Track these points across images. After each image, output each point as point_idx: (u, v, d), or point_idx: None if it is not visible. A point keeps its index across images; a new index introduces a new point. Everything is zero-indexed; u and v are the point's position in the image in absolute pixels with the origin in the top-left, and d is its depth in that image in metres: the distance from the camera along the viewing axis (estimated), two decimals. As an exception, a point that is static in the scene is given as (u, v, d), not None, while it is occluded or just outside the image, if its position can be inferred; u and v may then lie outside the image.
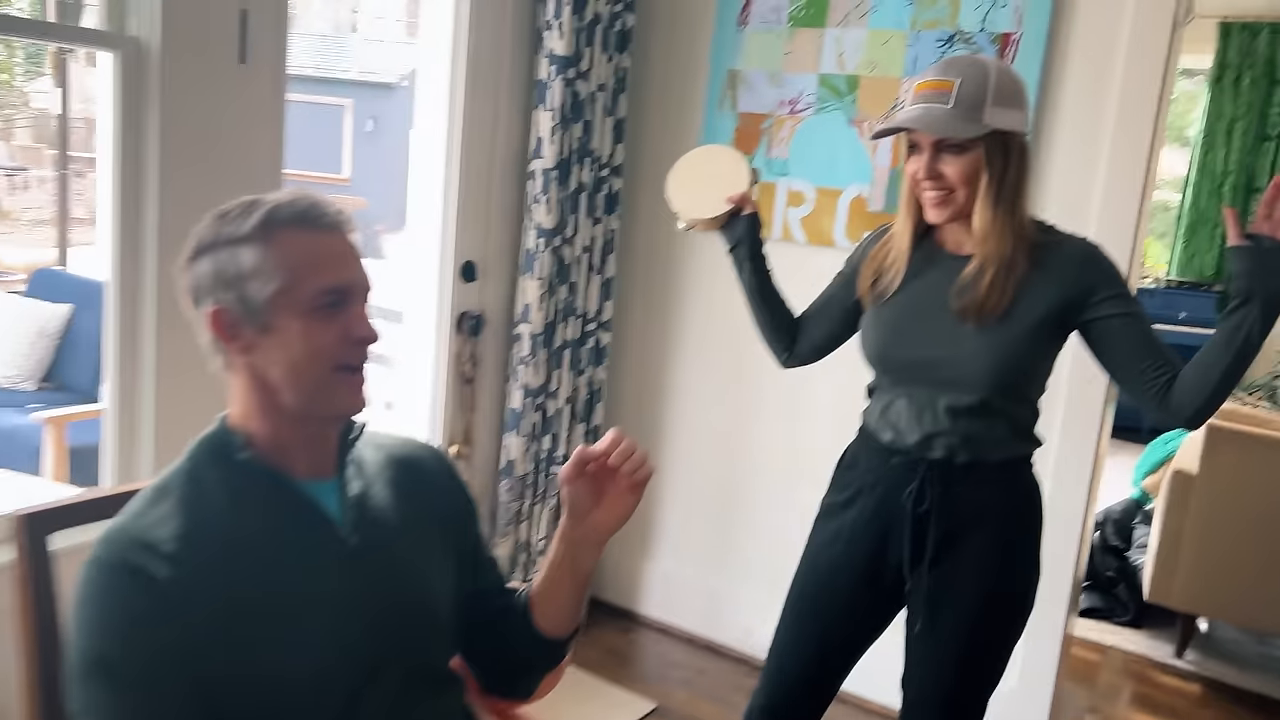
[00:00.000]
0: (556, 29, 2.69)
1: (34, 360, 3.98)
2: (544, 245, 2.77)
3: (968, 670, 1.68)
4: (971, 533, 1.64)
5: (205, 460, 1.07)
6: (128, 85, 1.96)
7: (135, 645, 0.94)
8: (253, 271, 1.02)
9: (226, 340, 1.04)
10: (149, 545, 0.97)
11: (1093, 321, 1.58)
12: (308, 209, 1.05)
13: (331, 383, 1.06)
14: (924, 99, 1.56)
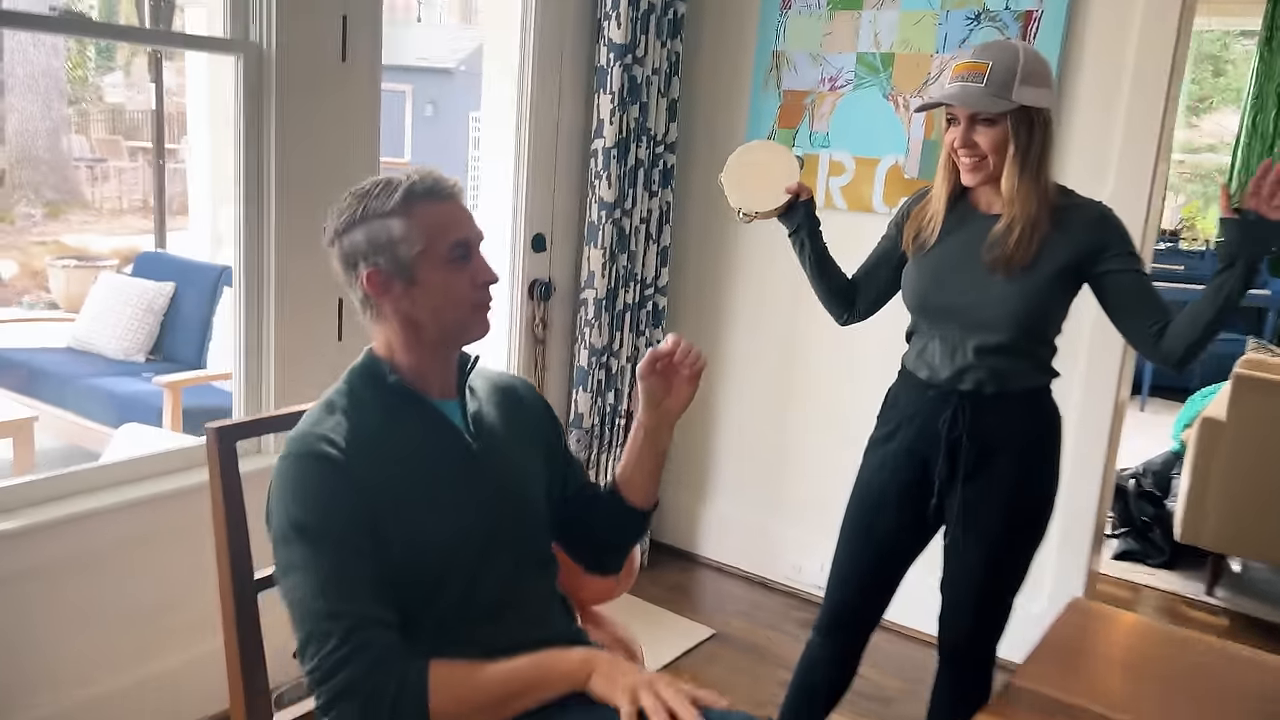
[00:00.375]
0: (614, 19, 2.95)
1: (143, 334, 4.37)
2: (605, 217, 3.05)
3: (996, 570, 1.93)
4: (999, 453, 1.89)
5: (361, 384, 1.37)
6: (249, 85, 2.27)
7: (324, 510, 1.24)
8: (401, 238, 1.30)
9: (379, 294, 1.33)
10: (329, 441, 1.27)
11: (1103, 275, 1.81)
12: (434, 184, 1.34)
13: (468, 318, 1.37)
14: (961, 78, 1.80)
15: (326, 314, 2.47)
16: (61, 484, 2.13)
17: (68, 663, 2.13)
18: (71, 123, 13.61)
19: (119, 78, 17.43)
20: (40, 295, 7.65)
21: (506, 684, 1.24)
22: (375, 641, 1.20)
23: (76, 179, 13.04)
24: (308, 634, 1.21)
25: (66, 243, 10.75)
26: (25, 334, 4.84)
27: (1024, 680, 1.37)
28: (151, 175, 13.82)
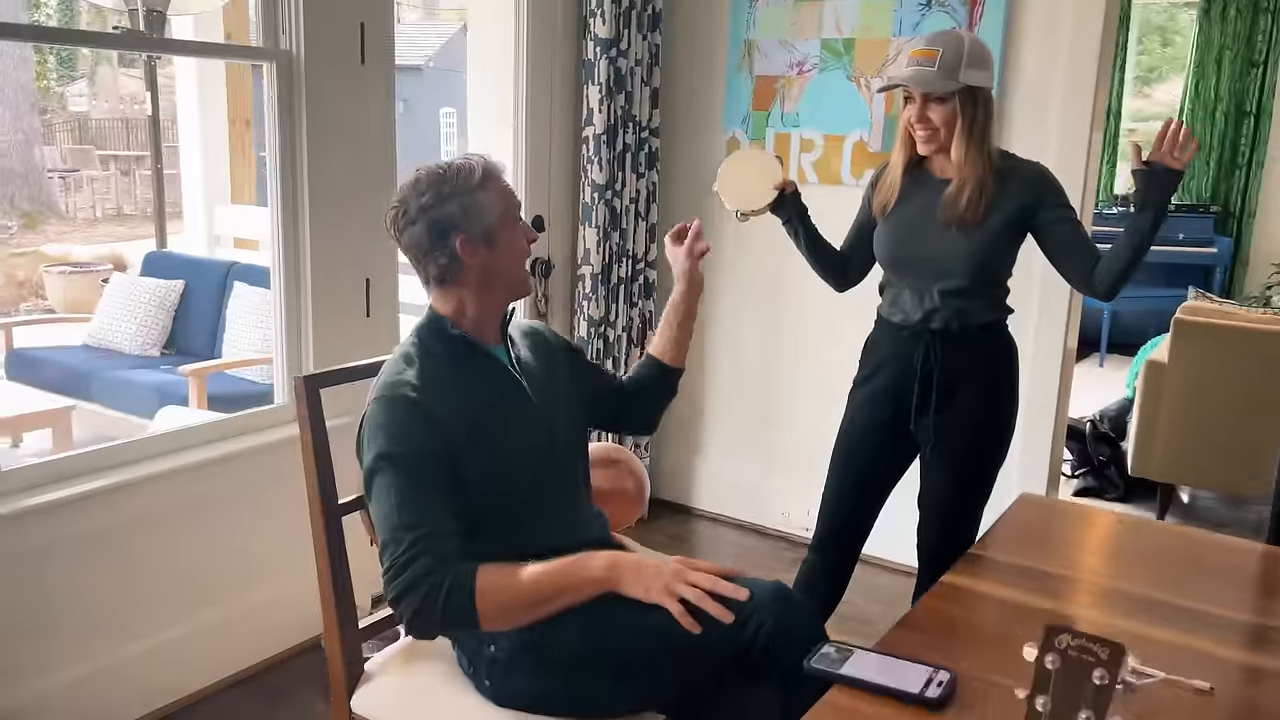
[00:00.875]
0: (599, 15, 3.23)
1: (157, 329, 4.61)
2: (598, 198, 3.34)
3: (964, 480, 2.23)
4: (965, 380, 2.19)
5: (428, 337, 1.64)
6: (282, 87, 2.53)
7: (404, 442, 1.50)
8: (488, 207, 1.58)
9: (469, 256, 1.59)
10: (411, 386, 1.54)
11: (1041, 226, 2.13)
12: (492, 163, 1.62)
13: (525, 272, 1.68)
14: (916, 63, 2.11)
15: (356, 293, 2.74)
16: (145, 447, 2.41)
17: (164, 601, 2.41)
18: (40, 133, 13.65)
19: (83, 86, 17.45)
20: (38, 302, 7.82)
21: (539, 587, 1.49)
22: (437, 548, 1.47)
23: (50, 190, 13.11)
24: (384, 541, 1.49)
25: (46, 253, 10.86)
26: (39, 336, 5.05)
27: (981, 550, 1.68)
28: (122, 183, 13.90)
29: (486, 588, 1.46)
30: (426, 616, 1.46)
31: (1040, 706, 1.00)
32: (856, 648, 1.31)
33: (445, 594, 1.44)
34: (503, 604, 1.48)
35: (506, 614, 1.50)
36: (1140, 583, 1.60)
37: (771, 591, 1.54)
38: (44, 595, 2.20)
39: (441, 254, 1.60)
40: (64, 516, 2.18)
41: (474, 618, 1.46)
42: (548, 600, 1.50)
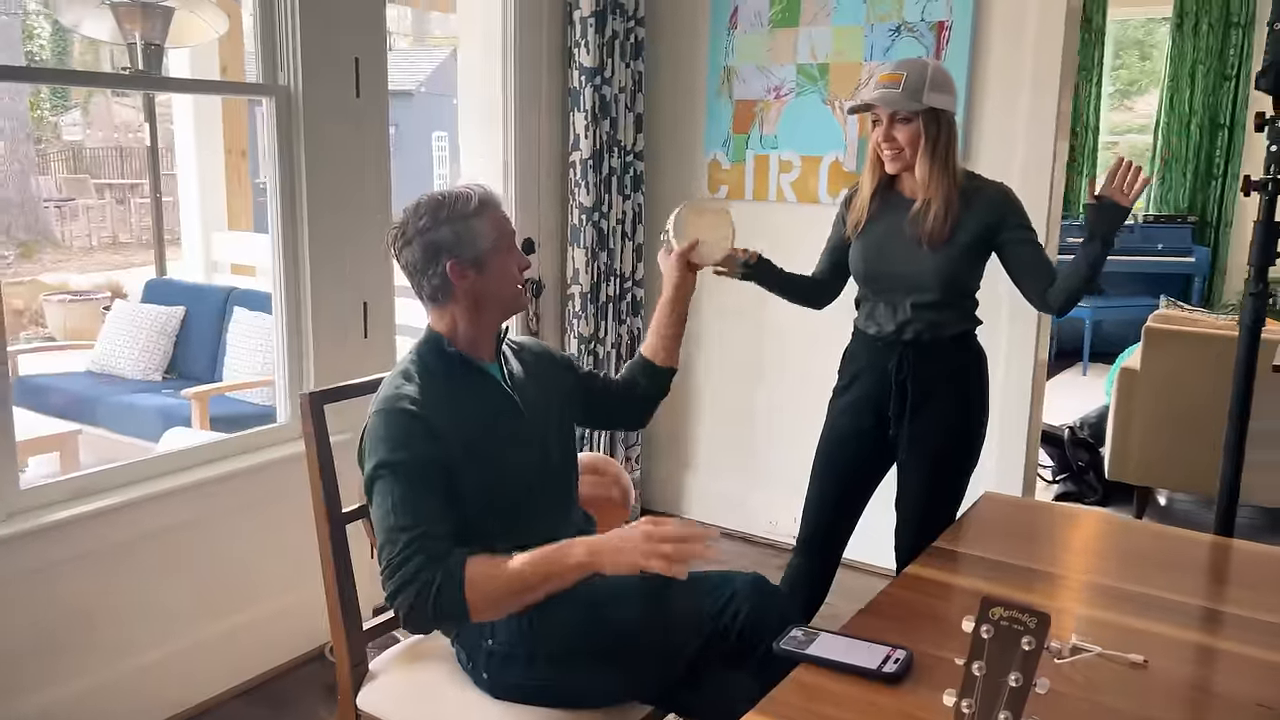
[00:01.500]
0: (584, 45, 3.37)
1: (159, 355, 4.71)
2: (585, 220, 3.47)
3: (938, 484, 2.35)
4: (937, 389, 2.32)
5: (427, 354, 1.76)
6: (280, 121, 2.66)
7: (402, 451, 1.61)
8: (480, 234, 1.70)
9: (458, 279, 1.71)
10: (410, 399, 1.66)
11: (1003, 245, 2.27)
12: (490, 194, 1.74)
13: (517, 293, 1.79)
14: (883, 85, 2.24)
15: (354, 315, 2.86)
16: (152, 466, 2.53)
17: (170, 614, 2.51)
18: (35, 163, 13.78)
19: (77, 115, 17.59)
20: (37, 330, 7.92)
21: (524, 576, 1.56)
22: (431, 547, 1.56)
23: (46, 219, 13.23)
24: (382, 543, 1.60)
25: (44, 281, 10.96)
26: (42, 363, 5.16)
27: (944, 543, 1.80)
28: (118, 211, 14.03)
29: (475, 578, 1.54)
30: (420, 611, 1.55)
31: (976, 671, 1.11)
32: (822, 631, 1.43)
33: (436, 589, 1.53)
34: (491, 594, 1.55)
35: (495, 603, 1.57)
36: (1090, 570, 1.72)
37: (749, 582, 1.65)
38: (53, 610, 2.30)
39: (434, 274, 1.72)
40: (74, 534, 2.29)
41: (464, 608, 1.54)
42: (533, 588, 1.56)
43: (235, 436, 2.73)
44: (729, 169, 3.61)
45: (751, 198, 3.58)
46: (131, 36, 5.14)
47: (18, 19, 11.87)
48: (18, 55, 11.89)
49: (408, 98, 14.68)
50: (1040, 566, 1.77)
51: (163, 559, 2.49)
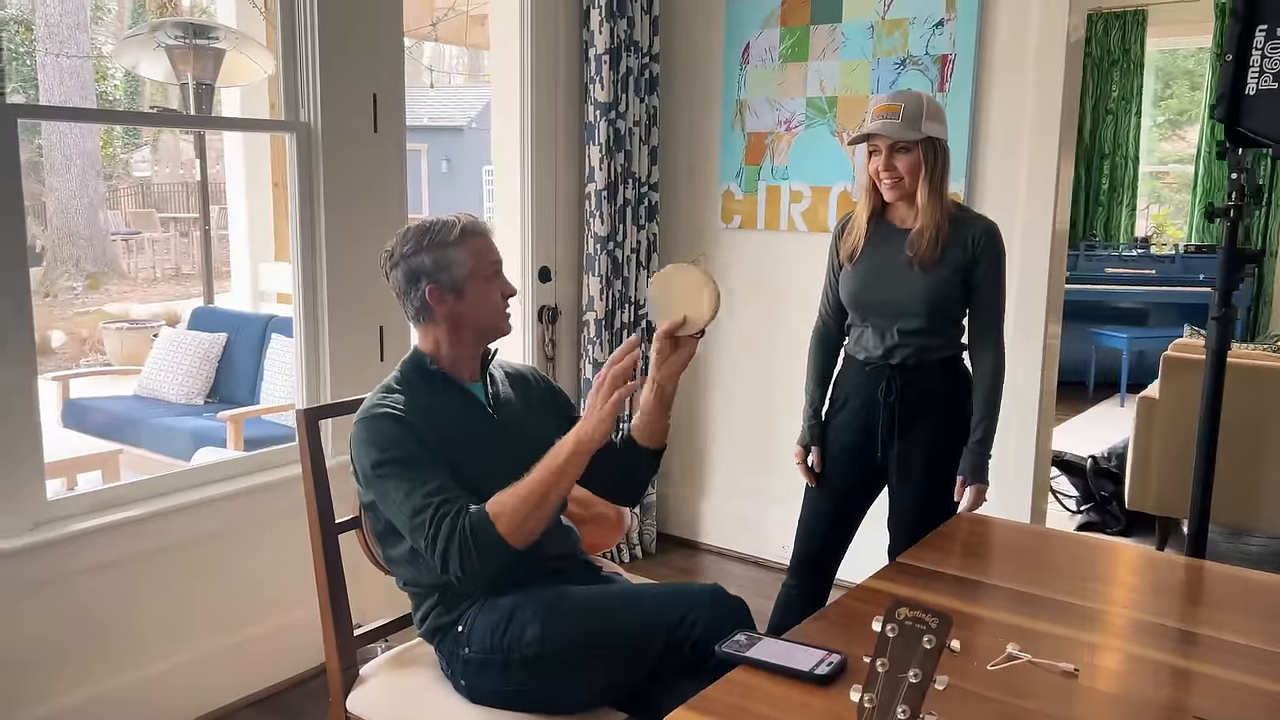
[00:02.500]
0: (598, 81, 3.49)
1: (201, 379, 4.92)
2: (600, 249, 3.57)
3: (926, 505, 2.38)
4: (925, 411, 2.38)
5: (410, 371, 1.87)
6: (301, 155, 2.81)
7: (394, 445, 1.72)
8: (457, 262, 1.80)
9: (436, 303, 1.82)
10: (392, 406, 1.77)
11: (973, 284, 2.34)
12: (476, 223, 1.84)
13: (498, 320, 1.88)
14: (881, 116, 2.32)
15: (370, 339, 2.98)
16: (172, 481, 2.66)
17: (183, 625, 2.63)
18: (105, 198, 14.34)
19: (146, 153, 18.29)
20: (96, 358, 8.26)
21: (535, 489, 1.67)
22: (450, 509, 1.67)
23: (113, 252, 13.75)
24: (412, 530, 1.70)
25: (108, 311, 11.39)
26: (94, 387, 5.40)
27: (905, 559, 1.84)
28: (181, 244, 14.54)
29: (500, 513, 1.66)
30: (469, 564, 1.66)
31: (879, 667, 1.17)
32: (764, 636, 1.49)
33: (473, 537, 1.65)
34: (518, 518, 1.66)
35: (524, 523, 1.67)
36: (1043, 585, 1.75)
37: (707, 593, 1.72)
38: (70, 618, 2.42)
39: (415, 297, 1.83)
40: (96, 545, 2.42)
41: (504, 541, 1.65)
42: (549, 493, 1.68)
43: (253, 455, 2.86)
44: (742, 199, 3.70)
45: (764, 227, 3.66)
46: (184, 77, 5.41)
47: (89, 62, 12.41)
48: (89, 96, 12.43)
49: (459, 133, 15.05)
50: (992, 580, 1.81)
51: (179, 571, 2.62)
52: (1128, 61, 7.43)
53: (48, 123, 12.14)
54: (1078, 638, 1.54)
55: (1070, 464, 4.51)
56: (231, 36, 5.34)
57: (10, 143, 2.24)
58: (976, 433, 2.34)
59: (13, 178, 2.25)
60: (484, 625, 1.79)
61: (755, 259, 3.73)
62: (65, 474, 4.06)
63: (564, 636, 1.73)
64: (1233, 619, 1.68)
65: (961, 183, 3.22)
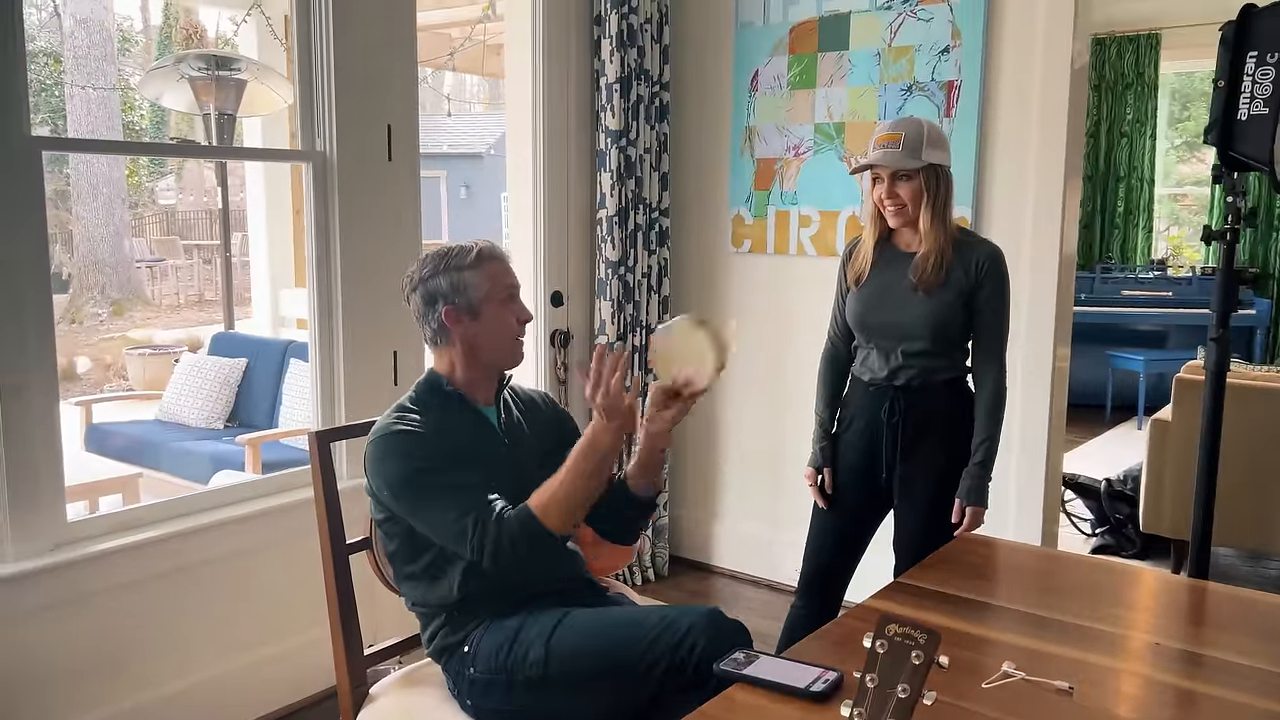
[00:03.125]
0: (609, 109, 3.55)
1: (221, 404, 4.99)
2: (612, 274, 3.62)
3: (931, 526, 2.39)
4: (927, 432, 2.40)
5: (424, 392, 1.91)
6: (317, 185, 2.87)
7: (417, 456, 1.76)
8: (474, 285, 1.85)
9: (453, 324, 1.87)
10: (409, 423, 1.81)
11: (976, 305, 2.36)
12: (495, 248, 1.89)
13: (511, 346, 1.92)
14: (882, 146, 2.36)
15: (385, 363, 3.03)
16: (196, 501, 2.72)
17: (206, 642, 2.67)
18: (130, 226, 14.55)
19: (171, 181, 18.59)
20: (119, 383, 8.37)
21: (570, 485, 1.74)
22: (491, 513, 1.73)
23: (138, 278, 13.94)
24: (455, 538, 1.75)
25: (132, 337, 11.54)
26: (117, 412, 5.48)
27: (906, 579, 1.86)
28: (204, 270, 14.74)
29: (544, 508, 1.74)
30: (522, 561, 1.72)
31: (869, 682, 1.20)
32: (763, 654, 1.51)
33: (523, 535, 1.72)
34: (563, 511, 1.74)
35: (567, 515, 1.76)
36: (1044, 606, 1.76)
37: (706, 615, 1.74)
38: (89, 637, 2.46)
39: (433, 319, 1.88)
40: (114, 566, 2.47)
41: (552, 535, 1.73)
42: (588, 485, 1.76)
43: (269, 477, 2.91)
44: (751, 224, 3.74)
45: (773, 251, 3.70)
46: (207, 107, 5.52)
47: (116, 93, 12.65)
48: (116, 126, 12.66)
49: (478, 160, 15.21)
50: (993, 600, 1.82)
51: (196, 592, 2.66)
52: (1141, 84, 7.45)
53: (75, 153, 12.35)
54: (1076, 657, 1.55)
55: (1085, 487, 4.50)
56: (253, 68, 5.45)
57: (35, 174, 2.31)
58: (977, 455, 2.36)
59: (38, 209, 2.32)
60: (489, 646, 1.82)
61: (765, 283, 3.76)
62: (87, 497, 4.12)
63: (567, 658, 1.76)
64: (1235, 640, 1.68)
65: (969, 208, 3.25)
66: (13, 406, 2.29)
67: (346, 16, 2.83)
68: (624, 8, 3.52)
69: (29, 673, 2.35)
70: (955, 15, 3.23)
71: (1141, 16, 7.20)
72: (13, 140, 2.26)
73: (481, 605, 1.85)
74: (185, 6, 14.70)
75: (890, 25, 3.37)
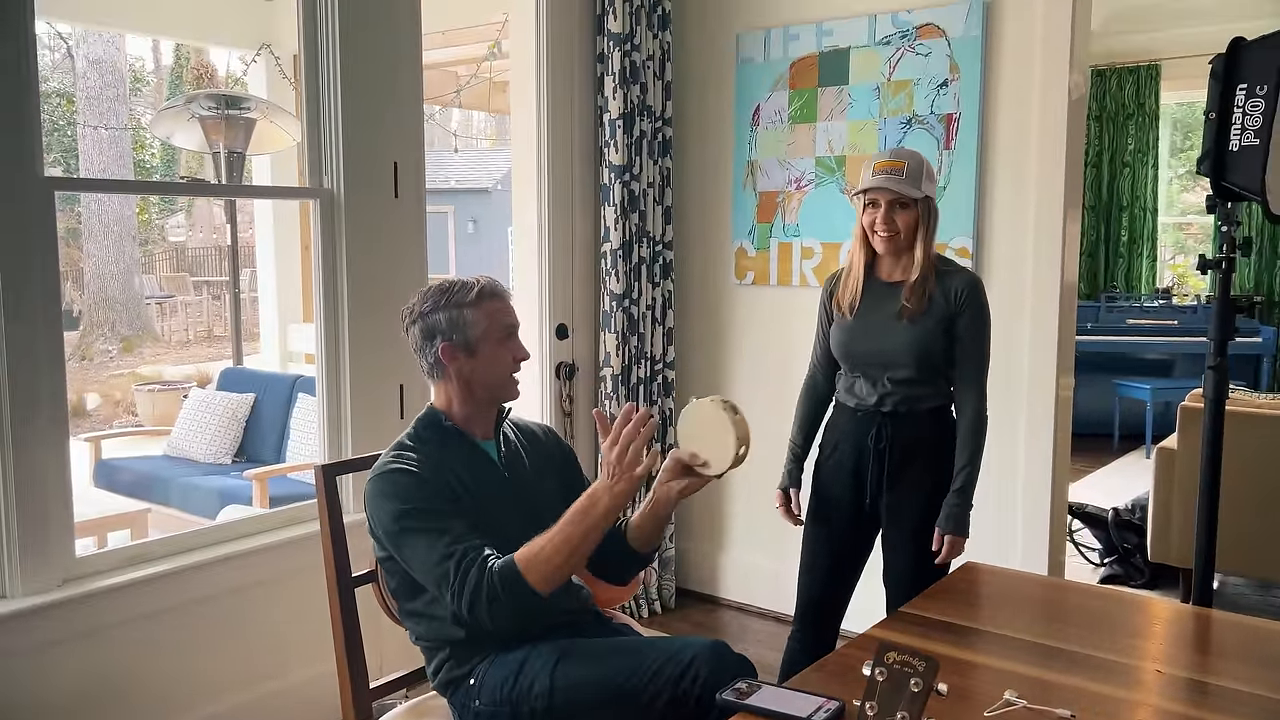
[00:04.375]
0: (613, 145, 3.60)
1: (229, 439, 5.01)
2: (616, 306, 3.65)
3: (921, 555, 2.40)
4: (914, 459, 2.41)
5: (424, 428, 1.93)
6: (324, 221, 2.91)
7: (413, 497, 1.78)
8: (472, 322, 1.87)
9: (449, 360, 1.89)
10: (407, 461, 1.83)
11: (954, 333, 2.39)
12: (496, 286, 1.91)
13: (507, 383, 1.94)
14: (884, 172, 2.40)
15: (391, 398, 3.05)
16: (204, 536, 2.73)
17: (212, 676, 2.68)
18: (141, 263, 14.68)
19: (181, 219, 18.76)
20: (129, 419, 8.41)
21: (562, 543, 1.72)
22: (476, 558, 1.73)
23: (148, 315, 14.04)
24: (437, 581, 1.75)
25: (142, 373, 11.61)
26: (126, 448, 5.51)
27: (908, 608, 1.86)
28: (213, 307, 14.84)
29: (528, 564, 1.72)
30: (500, 611, 1.71)
31: (869, 710, 1.21)
32: (765, 683, 1.51)
33: (502, 587, 1.70)
34: (547, 570, 1.72)
35: (552, 574, 1.73)
36: (1048, 635, 1.77)
37: (709, 647, 1.75)
38: (96, 673, 2.47)
39: (430, 353, 1.90)
40: (121, 601, 2.48)
41: (534, 591, 1.71)
42: (576, 548, 1.74)
43: (275, 511, 2.93)
44: (754, 256, 3.77)
45: (776, 283, 3.72)
46: (217, 146, 5.59)
47: (127, 132, 12.81)
48: (127, 164, 12.82)
49: (486, 195, 15.34)
50: (995, 629, 1.82)
51: (203, 626, 2.67)
52: (1143, 115, 7.50)
53: (86, 192, 12.49)
54: (1078, 685, 1.55)
55: (1092, 516, 4.49)
56: (262, 106, 5.53)
57: (48, 214, 2.35)
58: (956, 482, 2.36)
59: (50, 249, 2.36)
60: (494, 679, 1.83)
61: (768, 314, 3.79)
62: (95, 533, 4.14)
63: (571, 689, 1.77)
64: (1238, 668, 1.69)
65: (970, 238, 3.28)
66: (23, 442, 2.32)
67: (354, 56, 2.88)
68: (626, 45, 3.58)
69: (37, 707, 2.35)
70: (953, 49, 3.27)
71: (1141, 48, 7.27)
72: (27, 182, 2.31)
73: (486, 639, 1.86)
74: (196, 47, 14.92)
75: (889, 60, 3.41)
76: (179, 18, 6.06)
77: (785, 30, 3.64)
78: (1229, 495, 3.74)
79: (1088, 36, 3.21)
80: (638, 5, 3.59)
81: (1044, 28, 3.13)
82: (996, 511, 3.27)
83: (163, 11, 5.93)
